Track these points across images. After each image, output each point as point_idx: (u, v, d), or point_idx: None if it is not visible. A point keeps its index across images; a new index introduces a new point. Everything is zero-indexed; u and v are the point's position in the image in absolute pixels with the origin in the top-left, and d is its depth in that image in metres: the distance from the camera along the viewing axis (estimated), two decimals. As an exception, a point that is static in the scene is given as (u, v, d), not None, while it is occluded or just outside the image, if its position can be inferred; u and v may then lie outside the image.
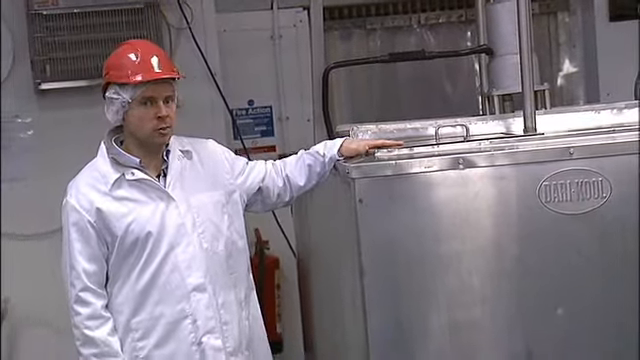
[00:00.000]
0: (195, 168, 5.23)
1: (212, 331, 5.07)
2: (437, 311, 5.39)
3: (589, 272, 5.35)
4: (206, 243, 5.12)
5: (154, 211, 5.02)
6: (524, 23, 5.90)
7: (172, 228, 5.04)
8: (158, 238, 5.01)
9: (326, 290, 6.44)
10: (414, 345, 5.39)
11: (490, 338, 5.41)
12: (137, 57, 5.01)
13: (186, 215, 5.08)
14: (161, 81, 4.92)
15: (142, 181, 5.02)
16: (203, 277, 5.06)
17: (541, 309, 5.37)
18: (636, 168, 5.29)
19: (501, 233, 5.42)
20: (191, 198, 5.13)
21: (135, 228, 4.99)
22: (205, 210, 5.16)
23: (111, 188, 4.98)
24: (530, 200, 5.36)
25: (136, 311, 5.04)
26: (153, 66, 4.96)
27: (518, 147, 5.61)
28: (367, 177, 5.37)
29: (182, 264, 5.03)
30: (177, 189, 5.09)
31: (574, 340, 5.34)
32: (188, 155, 5.21)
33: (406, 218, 5.38)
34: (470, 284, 5.40)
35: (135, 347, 5.05)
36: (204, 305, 5.06)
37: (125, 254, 5.04)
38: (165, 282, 5.01)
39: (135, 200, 5.02)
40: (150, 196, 5.04)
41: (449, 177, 5.40)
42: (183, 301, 5.03)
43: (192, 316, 5.05)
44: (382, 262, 5.39)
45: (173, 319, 5.04)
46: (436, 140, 5.74)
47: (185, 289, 5.03)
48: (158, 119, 4.92)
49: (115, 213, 4.99)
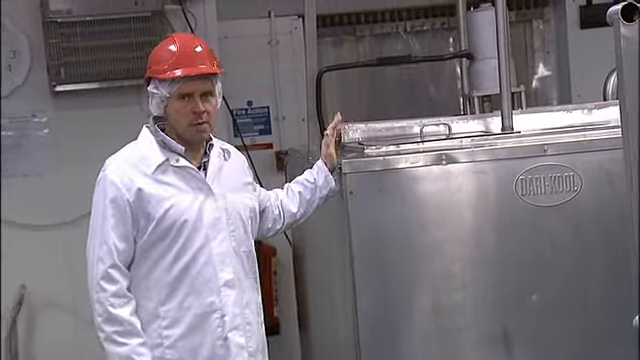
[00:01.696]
0: (230, 167, 4.95)
1: (238, 328, 4.73)
2: (421, 294, 5.43)
3: (561, 259, 5.39)
4: (234, 242, 4.80)
5: (193, 200, 4.70)
6: (502, 30, 5.95)
7: (209, 220, 4.72)
8: (195, 228, 4.69)
9: (319, 275, 6.46)
10: (400, 325, 5.41)
11: (470, 319, 5.43)
12: (176, 52, 4.72)
13: (222, 210, 4.78)
14: (198, 77, 4.64)
15: (185, 169, 4.71)
16: (233, 273, 4.75)
17: (517, 293, 5.41)
18: (605, 164, 5.33)
19: (481, 223, 5.46)
20: (228, 195, 4.82)
21: (173, 214, 4.66)
22: (238, 210, 4.86)
23: (155, 171, 4.66)
24: (507, 193, 5.40)
25: (166, 299, 4.69)
26: (191, 61, 4.67)
27: (496, 144, 5.64)
28: (357, 172, 5.41)
29: (216, 258, 4.70)
30: (215, 183, 4.79)
31: (546, 321, 5.37)
32: (227, 154, 4.95)
33: (393, 209, 5.42)
34: (452, 270, 5.43)
35: (161, 334, 4.70)
36: (233, 301, 4.72)
37: (157, 239, 4.69)
38: (198, 274, 4.67)
39: (176, 186, 4.69)
40: (191, 185, 4.72)
41: (433, 172, 5.44)
42: (213, 295, 4.68)
43: (220, 311, 4.68)
44: (370, 249, 5.43)
45: (202, 311, 4.69)
46: (421, 138, 5.74)
47: (217, 283, 4.69)
48: (194, 114, 4.63)
49: (155, 196, 4.65)
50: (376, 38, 8.43)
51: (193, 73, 4.61)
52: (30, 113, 8.00)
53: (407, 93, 7.85)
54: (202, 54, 4.73)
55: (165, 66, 4.67)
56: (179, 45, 4.74)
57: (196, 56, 4.69)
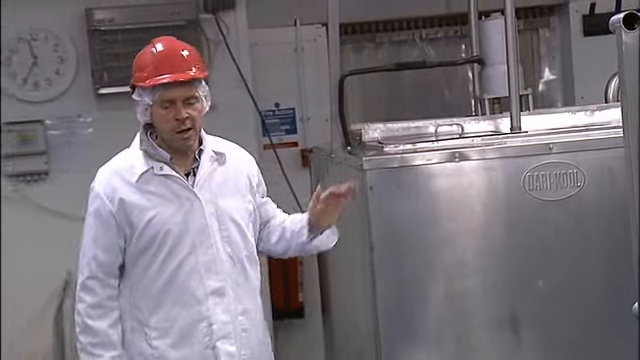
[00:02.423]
0: (226, 172, 4.47)
1: (228, 336, 4.29)
2: (435, 281, 5.43)
3: (565, 249, 5.38)
4: (229, 247, 4.35)
5: (178, 209, 4.27)
6: (511, 38, 5.95)
7: (195, 228, 4.28)
8: (179, 237, 4.26)
9: (341, 263, 6.44)
10: (415, 310, 5.40)
11: (480, 304, 5.42)
12: (155, 58, 4.36)
13: (211, 217, 4.32)
14: (179, 83, 4.23)
15: (169, 177, 4.30)
16: (223, 281, 4.30)
17: (523, 280, 5.40)
18: (606, 161, 5.31)
19: (490, 216, 5.45)
20: (219, 200, 4.37)
21: (156, 223, 4.24)
22: (232, 214, 4.39)
23: (138, 180, 4.28)
24: (515, 188, 5.38)
25: (154, 310, 4.31)
26: (170, 68, 4.26)
27: (505, 143, 5.65)
28: (377, 168, 5.42)
29: (202, 266, 4.26)
30: (205, 190, 4.34)
31: (550, 306, 5.36)
32: (221, 158, 4.44)
33: (409, 203, 5.41)
34: (463, 259, 5.42)
35: (151, 345, 4.32)
36: (221, 310, 4.28)
37: (143, 248, 4.30)
38: (183, 283, 4.26)
39: (160, 195, 4.27)
40: (176, 193, 4.28)
41: (446, 168, 5.44)
42: (200, 304, 4.27)
43: (208, 320, 4.26)
44: (389, 240, 5.43)
45: (189, 321, 4.28)
46: (435, 137, 5.72)
47: (203, 292, 4.26)
48: (177, 121, 4.22)
49: (138, 205, 4.27)
50: (394, 45, 8.41)
51: (171, 80, 4.23)
52: (76, 114, 8.01)
53: (422, 96, 7.83)
54: (182, 59, 4.36)
55: (145, 73, 4.36)
56: (158, 51, 4.41)
57: (175, 62, 4.32)
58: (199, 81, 4.35)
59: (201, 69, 4.39)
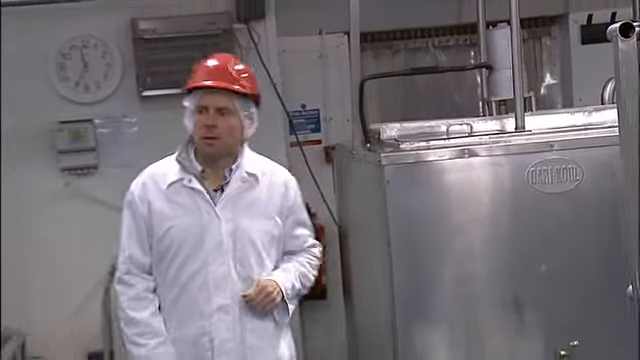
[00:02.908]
0: (257, 193, 4.15)
1: (229, 353, 4.00)
2: (446, 266, 5.42)
3: (565, 237, 5.37)
4: (241, 267, 4.05)
5: (196, 222, 4.03)
6: (515, 45, 5.93)
7: (210, 244, 4.02)
8: (194, 249, 4.03)
9: (361, 249, 6.43)
10: (428, 292, 5.40)
11: (486, 287, 5.42)
12: (204, 68, 4.21)
13: (228, 235, 4.03)
14: (215, 91, 4.03)
15: (195, 190, 4.07)
16: (230, 299, 4.01)
17: (526, 265, 5.40)
18: (603, 158, 5.30)
19: (496, 207, 5.44)
20: (240, 220, 4.06)
21: (174, 232, 4.04)
22: (250, 236, 4.07)
23: (167, 188, 4.09)
24: (520, 182, 5.38)
25: (167, 318, 4.14)
26: (209, 76, 4.08)
27: (511, 141, 5.64)
28: (394, 164, 5.40)
29: (212, 282, 4.00)
30: (227, 208, 4.04)
31: (551, 288, 5.36)
32: (253, 178, 4.15)
33: (423, 195, 5.40)
34: (472, 246, 5.41)
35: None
36: (225, 326, 4.00)
37: (160, 256, 4.12)
38: (193, 297, 4.03)
39: (184, 206, 4.05)
40: (199, 207, 4.04)
41: (457, 164, 5.43)
42: (204, 319, 4.01)
43: (209, 335, 3.99)
44: (404, 229, 5.41)
45: (193, 334, 4.05)
46: (447, 135, 5.73)
47: (210, 308, 4.00)
48: (205, 127, 4.02)
49: (161, 212, 4.08)
50: (409, 52, 8.40)
51: (205, 85, 4.07)
52: (122, 114, 8.02)
53: (435, 98, 7.81)
54: (226, 72, 4.13)
55: (192, 80, 4.25)
56: (210, 62, 4.25)
57: (219, 73, 4.11)
58: (240, 96, 4.08)
59: (244, 86, 4.13)
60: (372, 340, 6.23)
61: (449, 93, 7.84)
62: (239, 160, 4.11)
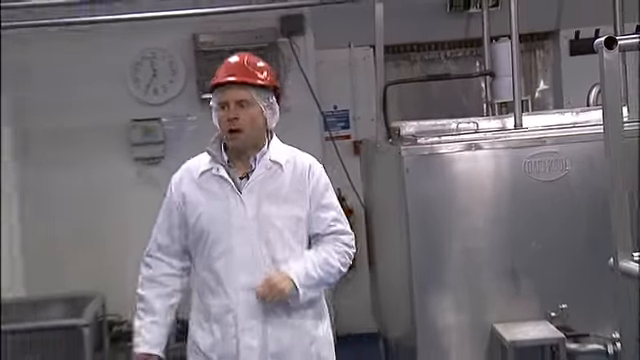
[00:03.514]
0: (281, 180, 3.72)
1: (252, 329, 3.60)
2: (455, 242, 5.43)
3: (555, 217, 5.37)
4: (266, 249, 3.64)
5: (225, 208, 3.65)
6: (515, 56, 5.93)
7: (236, 228, 3.64)
8: (222, 233, 3.65)
9: (383, 227, 6.43)
10: (439, 262, 5.40)
11: (488, 259, 5.42)
12: (222, 67, 3.81)
13: (252, 219, 3.63)
14: (233, 86, 3.64)
15: (222, 178, 3.69)
16: (253, 279, 3.62)
17: (522, 241, 5.39)
18: (587, 151, 5.28)
19: (498, 192, 5.44)
20: (264, 205, 3.64)
21: (204, 219, 3.69)
22: (273, 220, 3.66)
23: (199, 177, 3.74)
24: (518, 171, 5.38)
25: (200, 296, 3.79)
26: (225, 73, 3.70)
27: (510, 137, 5.62)
28: (412, 155, 5.42)
29: (237, 263, 3.62)
30: (252, 194, 3.64)
31: (543, 260, 5.36)
32: (277, 166, 3.72)
33: (437, 182, 5.41)
34: (477, 225, 5.41)
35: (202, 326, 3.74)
36: (247, 305, 3.61)
37: (195, 241, 3.76)
38: (220, 276, 3.66)
39: (213, 194, 3.68)
40: (226, 194, 3.65)
41: (464, 156, 5.43)
42: (230, 297, 3.62)
43: (233, 312, 3.61)
44: (420, 210, 5.42)
45: (221, 311, 3.66)
46: (456, 132, 5.75)
47: (235, 287, 3.61)
48: (228, 121, 3.64)
49: (194, 200, 3.73)
50: (424, 62, 8.39)
51: (219, 82, 3.69)
52: (185, 114, 8.04)
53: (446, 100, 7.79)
54: (241, 67, 3.72)
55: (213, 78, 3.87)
56: (227, 61, 3.84)
57: (232, 68, 3.71)
58: (256, 88, 3.65)
59: (259, 78, 3.70)
60: (391, 301, 6.22)
61: (458, 96, 7.81)
62: (264, 149, 3.72)
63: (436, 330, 5.40)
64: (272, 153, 3.71)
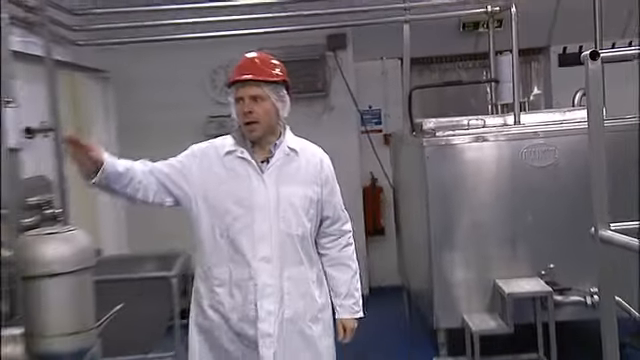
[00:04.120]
0: (297, 164, 3.34)
1: (269, 296, 3.22)
2: (465, 214, 5.46)
3: (546, 195, 5.37)
4: (283, 225, 3.25)
5: (246, 186, 3.26)
6: (515, 67, 5.95)
7: (257, 205, 3.24)
8: (244, 208, 3.25)
9: (407, 203, 6.44)
10: (452, 231, 5.45)
11: (492, 228, 5.44)
12: (237, 66, 3.36)
13: (272, 198, 3.25)
14: (247, 83, 3.25)
15: (245, 160, 3.28)
16: (271, 251, 3.24)
17: (519, 214, 5.40)
18: (572, 144, 5.29)
19: (500, 175, 5.45)
20: (282, 185, 3.27)
21: (228, 194, 3.27)
22: (290, 199, 3.28)
23: (223, 156, 3.30)
24: (517, 158, 5.39)
25: (217, 263, 3.28)
26: (239, 72, 3.29)
27: (511, 131, 5.62)
28: (431, 145, 5.46)
29: (257, 236, 3.23)
30: (272, 175, 3.26)
31: (536, 230, 5.37)
32: (294, 152, 3.34)
33: (451, 167, 5.43)
34: (483, 201, 5.44)
35: (213, 290, 3.27)
36: (266, 273, 3.22)
37: (214, 211, 3.27)
38: (240, 247, 3.23)
39: (236, 172, 3.28)
40: (248, 173, 3.26)
41: (473, 146, 5.45)
42: (250, 266, 3.21)
43: (254, 280, 3.21)
44: (437, 188, 5.44)
45: (241, 278, 3.24)
46: (467, 127, 5.74)
47: (255, 257, 3.21)
48: (244, 114, 3.25)
49: (218, 175, 3.29)
50: (442, 71, 8.34)
51: (235, 80, 3.29)
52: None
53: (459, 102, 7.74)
54: (253, 65, 3.32)
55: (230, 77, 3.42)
56: (241, 61, 3.38)
57: (247, 67, 3.30)
58: (267, 84, 3.27)
59: (270, 75, 3.30)
60: (414, 261, 6.24)
61: (468, 98, 7.77)
62: (282, 138, 3.35)
63: (449, 284, 5.43)
64: (289, 141, 3.35)
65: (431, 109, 7.36)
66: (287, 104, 3.33)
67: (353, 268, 3.42)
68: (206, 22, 6.30)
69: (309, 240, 3.32)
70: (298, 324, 3.23)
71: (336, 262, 3.40)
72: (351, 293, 3.40)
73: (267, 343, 3.16)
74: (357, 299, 3.42)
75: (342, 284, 3.39)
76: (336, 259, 3.40)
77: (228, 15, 6.25)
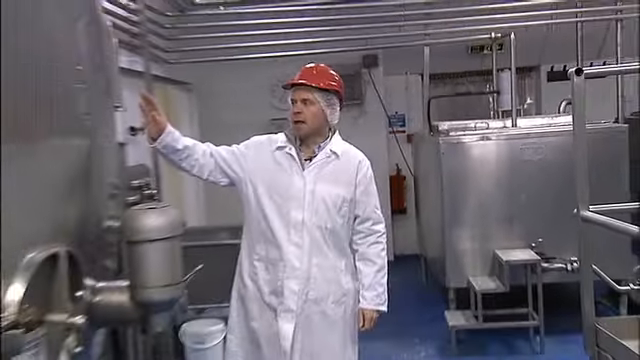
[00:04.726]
0: (336, 166, 3.01)
1: (297, 277, 2.93)
2: (472, 198, 5.40)
3: (536, 182, 5.29)
4: (315, 218, 2.94)
5: (288, 179, 2.97)
6: (512, 81, 5.85)
7: (294, 197, 2.95)
8: (283, 198, 2.96)
9: (426, 188, 6.41)
10: (462, 211, 5.39)
11: (493, 209, 5.38)
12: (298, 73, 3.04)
13: (308, 192, 2.95)
14: (300, 87, 2.96)
15: (292, 156, 2.98)
16: (302, 238, 2.93)
17: (515, 197, 5.34)
18: (558, 143, 5.22)
19: (501, 167, 5.38)
20: (319, 183, 2.97)
21: (271, 184, 2.97)
22: (324, 195, 2.96)
23: (275, 150, 2.99)
24: (514, 154, 5.33)
25: (258, 240, 2.98)
26: (298, 77, 2.99)
27: (509, 132, 5.54)
28: (446, 143, 5.41)
29: (291, 224, 2.92)
30: (312, 173, 2.96)
31: (529, 210, 5.31)
32: (335, 155, 3.01)
33: (461, 160, 5.38)
34: (486, 187, 5.40)
35: (253, 264, 2.99)
36: (295, 257, 2.92)
37: (259, 197, 2.98)
38: (276, 230, 2.93)
39: (282, 165, 2.98)
40: (292, 169, 2.97)
41: (479, 144, 5.39)
42: (282, 249, 2.93)
43: (284, 261, 2.92)
44: (450, 178, 5.39)
45: (274, 258, 2.94)
46: (474, 128, 5.69)
47: (287, 242, 2.92)
48: (294, 114, 2.96)
49: (265, 164, 3.00)
50: (454, 84, 8.29)
51: (290, 82, 3.01)
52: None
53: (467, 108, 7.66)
54: (308, 73, 3.01)
55: None
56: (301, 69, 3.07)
57: (303, 74, 3.00)
58: (319, 90, 2.95)
59: (320, 82, 2.97)
60: (429, 234, 6.22)
61: (475, 106, 7.71)
62: (327, 141, 3.03)
63: (458, 253, 5.41)
64: (333, 145, 3.02)
65: (445, 114, 7.31)
66: (336, 112, 3.03)
67: (378, 264, 3.04)
68: (268, 45, 6.31)
69: (340, 234, 2.99)
70: (321, 305, 2.93)
71: (363, 257, 3.04)
72: (373, 286, 3.02)
73: (288, 318, 2.90)
74: (379, 293, 3.02)
75: (366, 276, 3.02)
76: (363, 254, 3.04)
77: (285, 40, 6.26)
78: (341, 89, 3.02)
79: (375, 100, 7.82)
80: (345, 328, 2.98)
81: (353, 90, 7.64)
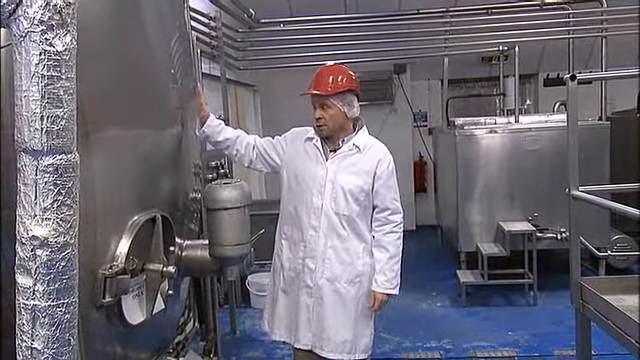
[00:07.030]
0: (357, 158, 2.69)
1: (314, 257, 2.67)
2: (481, 180, 5.29)
3: (535, 167, 5.16)
4: (334, 204, 2.65)
5: (313, 169, 2.69)
6: (516, 86, 5.70)
7: (316, 184, 2.67)
8: (306, 185, 2.69)
9: (443, 172, 6.34)
10: (473, 190, 5.31)
11: (498, 189, 5.27)
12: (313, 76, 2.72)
13: (329, 181, 2.66)
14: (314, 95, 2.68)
15: (317, 148, 2.70)
16: (319, 222, 2.65)
17: (517, 180, 5.21)
18: (552, 135, 5.10)
19: (506, 155, 5.25)
20: (339, 173, 2.67)
21: (298, 171, 2.72)
22: (343, 185, 2.65)
23: (305, 140, 2.72)
24: (517, 144, 5.21)
25: (285, 221, 2.76)
26: (312, 86, 2.67)
27: (512, 127, 5.41)
28: (461, 135, 5.31)
29: (311, 209, 2.65)
30: (334, 164, 2.67)
31: (528, 189, 5.19)
32: (357, 148, 2.69)
33: (473, 150, 5.27)
34: (493, 172, 5.29)
35: (281, 242, 2.78)
36: (313, 239, 2.66)
37: (288, 182, 2.75)
38: (299, 214, 2.69)
39: (309, 155, 2.71)
40: (317, 159, 2.69)
41: (488, 136, 5.27)
42: (303, 231, 2.68)
43: (304, 242, 2.68)
44: (464, 164, 5.29)
45: (297, 238, 2.71)
46: (484, 123, 5.59)
47: (307, 224, 2.67)
48: (316, 118, 2.67)
49: (297, 154, 2.74)
50: (467, 88, 8.13)
51: (307, 93, 2.70)
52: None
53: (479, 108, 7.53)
54: (322, 80, 2.67)
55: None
56: (314, 74, 2.73)
57: (316, 82, 2.68)
58: (332, 95, 2.65)
59: (334, 87, 2.64)
60: (446, 208, 6.14)
61: (485, 106, 7.57)
62: (351, 135, 2.72)
63: (468, 223, 5.32)
64: (357, 139, 2.71)
65: (460, 112, 7.20)
66: (354, 106, 2.70)
67: (390, 251, 2.70)
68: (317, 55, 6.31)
69: (357, 220, 2.68)
70: (334, 284, 2.68)
71: (378, 244, 2.71)
72: (384, 271, 2.69)
73: (306, 292, 2.70)
74: (389, 278, 2.69)
75: (378, 262, 2.70)
76: (379, 241, 2.71)
77: (331, 51, 6.25)
78: (353, 84, 2.68)
79: (403, 100, 7.74)
80: (357, 306, 2.72)
81: (385, 92, 7.56)
